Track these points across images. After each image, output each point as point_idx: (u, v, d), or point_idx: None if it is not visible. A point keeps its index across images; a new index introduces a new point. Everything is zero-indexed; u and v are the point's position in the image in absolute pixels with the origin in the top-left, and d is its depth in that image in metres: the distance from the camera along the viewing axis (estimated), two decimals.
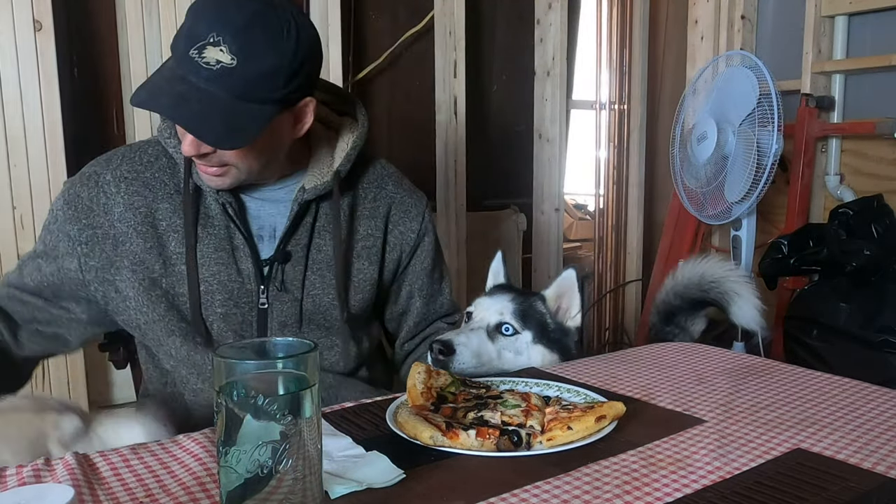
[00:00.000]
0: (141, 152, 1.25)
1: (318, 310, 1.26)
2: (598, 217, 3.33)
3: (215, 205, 1.21)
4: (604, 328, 3.33)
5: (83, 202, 1.21)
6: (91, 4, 2.11)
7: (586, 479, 0.78)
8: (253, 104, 1.07)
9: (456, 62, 2.66)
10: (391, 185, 1.35)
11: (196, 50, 1.04)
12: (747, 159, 2.22)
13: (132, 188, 1.21)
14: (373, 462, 0.80)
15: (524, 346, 1.24)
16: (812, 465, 0.81)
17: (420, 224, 1.37)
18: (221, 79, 1.04)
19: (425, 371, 0.99)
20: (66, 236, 1.21)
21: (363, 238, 1.31)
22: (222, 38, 1.03)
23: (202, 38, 1.04)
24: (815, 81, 2.54)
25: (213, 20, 1.04)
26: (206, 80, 1.04)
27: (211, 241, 1.21)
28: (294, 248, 1.24)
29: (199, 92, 1.05)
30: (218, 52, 1.03)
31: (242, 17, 1.04)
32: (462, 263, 2.73)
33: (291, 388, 0.63)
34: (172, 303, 1.21)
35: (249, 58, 1.04)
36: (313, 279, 1.25)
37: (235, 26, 1.04)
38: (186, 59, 1.04)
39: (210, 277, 1.20)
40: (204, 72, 1.04)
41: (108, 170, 1.23)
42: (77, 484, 0.76)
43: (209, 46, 1.03)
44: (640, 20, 3.16)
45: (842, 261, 2.15)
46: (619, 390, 1.06)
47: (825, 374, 1.14)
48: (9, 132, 1.89)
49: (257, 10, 1.06)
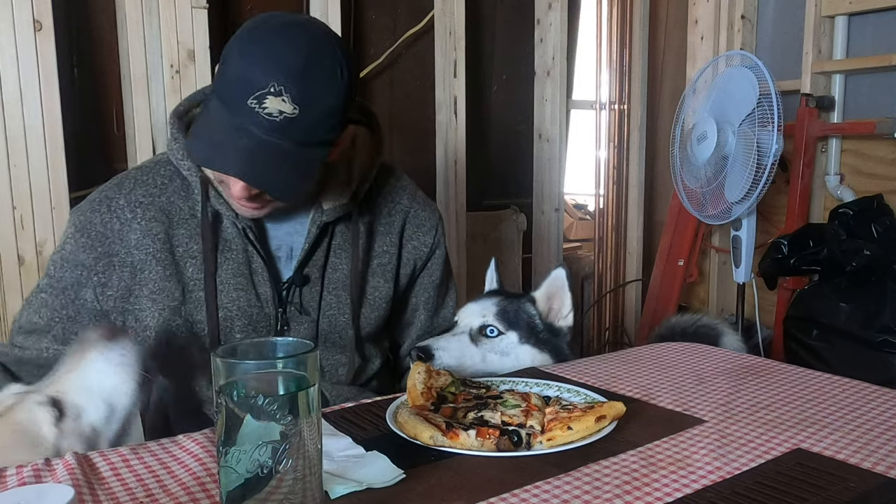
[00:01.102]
0: (154, 175, 1.20)
1: (335, 329, 1.24)
2: (598, 217, 3.33)
3: (233, 228, 1.18)
4: (604, 328, 3.33)
5: (96, 228, 1.16)
6: (91, 4, 2.11)
7: (586, 479, 0.78)
8: (315, 148, 1.05)
9: (456, 62, 2.65)
10: (406, 198, 1.33)
11: (255, 100, 0.99)
12: (747, 159, 2.22)
13: (149, 213, 1.17)
14: (373, 462, 0.80)
15: (510, 347, 1.23)
16: (812, 465, 0.81)
17: (433, 238, 1.35)
18: (284, 129, 1.00)
19: (425, 371, 0.99)
20: (80, 265, 1.16)
21: (379, 255, 1.28)
22: (283, 88, 0.98)
23: (262, 88, 0.99)
24: (815, 81, 2.54)
25: (272, 68, 0.99)
26: (269, 131, 1.00)
27: (229, 265, 1.17)
28: (311, 270, 1.22)
29: (264, 145, 1.00)
30: (280, 103, 0.99)
31: (299, 61, 1.00)
32: (462, 263, 2.73)
33: (291, 388, 0.63)
34: (192, 331, 1.18)
35: (311, 105, 1.01)
36: (329, 300, 1.23)
37: (295, 73, 0.99)
38: (245, 109, 1.00)
39: (229, 304, 1.17)
40: (267, 123, 1.00)
41: (121, 194, 1.18)
42: (77, 484, 0.76)
43: (270, 97, 0.99)
44: (640, 20, 3.16)
45: (842, 261, 2.15)
46: (619, 390, 1.06)
47: (825, 374, 1.14)
48: (9, 132, 1.89)
49: (311, 51, 1.01)
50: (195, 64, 2.07)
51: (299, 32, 1.03)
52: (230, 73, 1.03)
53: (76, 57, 2.10)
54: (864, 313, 2.12)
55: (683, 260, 2.87)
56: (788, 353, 2.31)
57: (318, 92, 1.01)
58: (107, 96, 2.15)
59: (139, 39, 2.02)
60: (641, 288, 3.27)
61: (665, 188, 3.19)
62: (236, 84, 1.01)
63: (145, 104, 2.05)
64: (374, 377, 1.35)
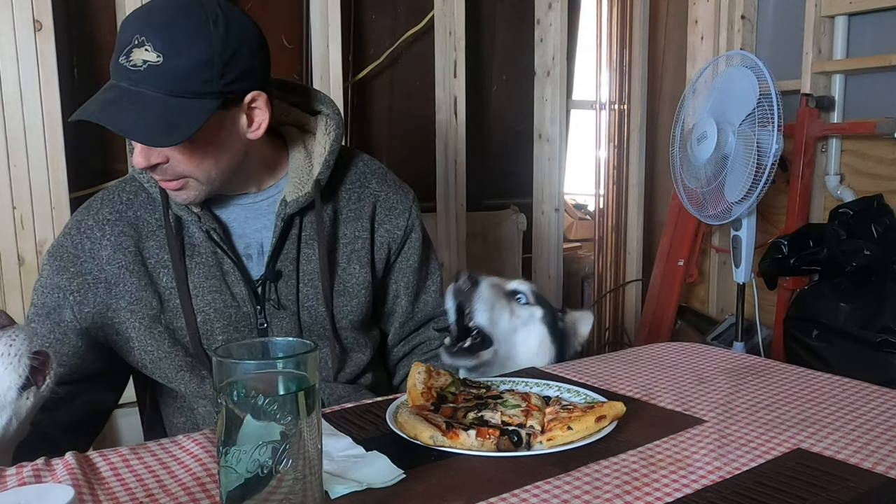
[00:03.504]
0: (119, 192, 1.23)
1: (317, 321, 1.25)
2: (598, 217, 3.33)
3: (199, 232, 1.19)
4: (604, 328, 3.33)
5: (67, 251, 1.19)
6: (91, 4, 2.11)
7: (586, 479, 0.78)
8: (187, 99, 1.04)
9: (456, 62, 2.65)
10: (375, 182, 1.32)
11: (124, 56, 1.03)
12: (747, 159, 2.21)
13: (117, 229, 1.19)
14: (373, 462, 0.80)
15: (532, 320, 1.24)
16: (812, 465, 0.81)
17: (406, 220, 1.33)
18: (150, 78, 1.03)
19: (425, 371, 0.99)
20: (56, 288, 1.18)
21: (350, 241, 1.28)
22: (146, 38, 1.02)
23: (128, 43, 1.03)
24: (815, 81, 2.54)
25: (135, 21, 1.05)
26: (136, 82, 1.03)
27: (200, 270, 1.19)
28: (284, 264, 1.22)
29: (129, 94, 1.03)
30: (143, 53, 1.02)
31: (164, 15, 1.04)
32: (462, 263, 2.73)
33: (291, 388, 0.63)
34: (174, 337, 1.19)
35: (175, 52, 1.02)
36: (306, 291, 1.24)
37: (158, 24, 1.03)
38: (117, 66, 1.04)
39: (206, 307, 1.18)
40: (133, 74, 1.03)
41: (90, 215, 1.21)
42: (77, 484, 0.76)
43: (134, 49, 1.02)
44: (640, 20, 3.16)
45: (842, 261, 2.15)
46: (619, 390, 1.06)
47: (825, 374, 1.14)
48: (9, 132, 1.89)
49: (179, 5, 1.05)
50: None
51: None
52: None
53: (76, 57, 2.10)
54: (864, 313, 2.11)
55: (683, 260, 2.87)
56: (788, 353, 2.31)
57: (185, 41, 1.03)
58: None
59: None
60: (641, 288, 3.27)
61: (665, 188, 3.19)
62: (114, 50, 1.05)
63: None
64: (367, 370, 1.34)
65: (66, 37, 2.04)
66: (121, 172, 2.16)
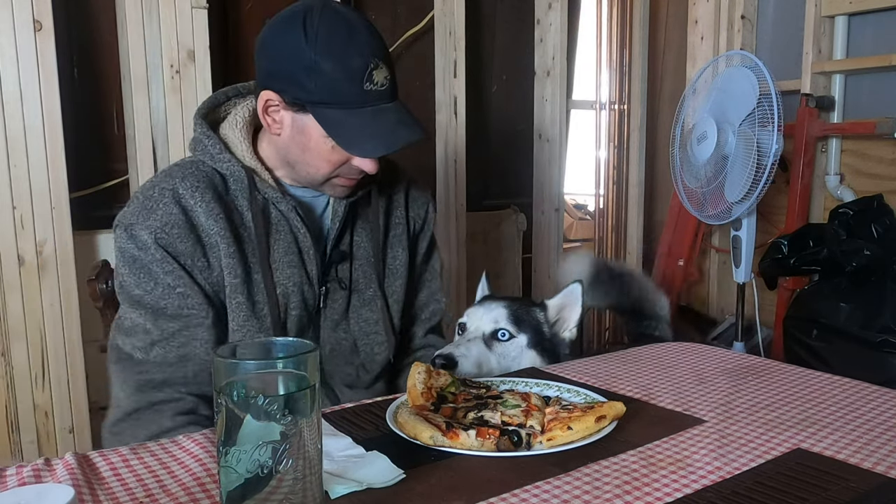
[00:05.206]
0: (193, 169, 1.21)
1: (364, 303, 1.31)
2: (598, 217, 3.33)
3: (278, 211, 1.22)
4: (604, 328, 3.33)
5: (175, 218, 1.15)
6: (91, 4, 2.11)
7: (586, 479, 0.78)
8: None
9: (456, 62, 2.65)
10: (399, 173, 1.41)
11: (368, 82, 1.13)
12: (747, 159, 2.22)
13: (207, 196, 1.18)
14: (373, 462, 0.80)
15: (519, 351, 1.28)
16: (812, 465, 0.81)
17: (425, 212, 1.43)
18: (393, 90, 1.16)
19: (425, 371, 0.99)
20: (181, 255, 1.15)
21: (394, 227, 1.37)
22: (376, 59, 1.13)
23: (366, 69, 1.12)
24: (815, 81, 2.54)
25: (360, 48, 1.12)
26: (389, 98, 1.16)
27: (280, 245, 1.23)
28: (344, 247, 1.30)
29: (395, 110, 1.16)
30: (381, 72, 1.14)
31: (365, 29, 1.14)
32: (462, 263, 2.73)
33: (291, 388, 0.63)
34: (252, 310, 1.20)
35: (389, 57, 1.16)
36: (357, 275, 1.31)
37: (373, 42, 1.13)
38: (368, 94, 1.13)
39: (286, 280, 1.23)
40: (384, 93, 1.15)
41: (178, 182, 1.18)
42: (77, 484, 0.76)
43: (374, 72, 1.13)
44: (640, 20, 3.15)
45: (842, 261, 2.15)
46: (619, 390, 1.06)
47: (825, 374, 1.14)
48: (9, 132, 1.89)
49: (361, 16, 1.16)
50: (195, 64, 2.07)
51: (336, 7, 1.15)
52: (326, 76, 1.11)
53: (76, 57, 2.10)
54: (864, 313, 2.11)
55: (683, 260, 2.87)
56: (788, 353, 2.31)
57: (384, 45, 1.16)
58: (107, 96, 2.15)
59: (139, 39, 2.02)
60: None
61: (665, 188, 3.19)
62: (343, 81, 1.12)
63: (145, 104, 2.05)
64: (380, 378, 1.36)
65: (66, 37, 2.04)
66: (121, 172, 2.17)
